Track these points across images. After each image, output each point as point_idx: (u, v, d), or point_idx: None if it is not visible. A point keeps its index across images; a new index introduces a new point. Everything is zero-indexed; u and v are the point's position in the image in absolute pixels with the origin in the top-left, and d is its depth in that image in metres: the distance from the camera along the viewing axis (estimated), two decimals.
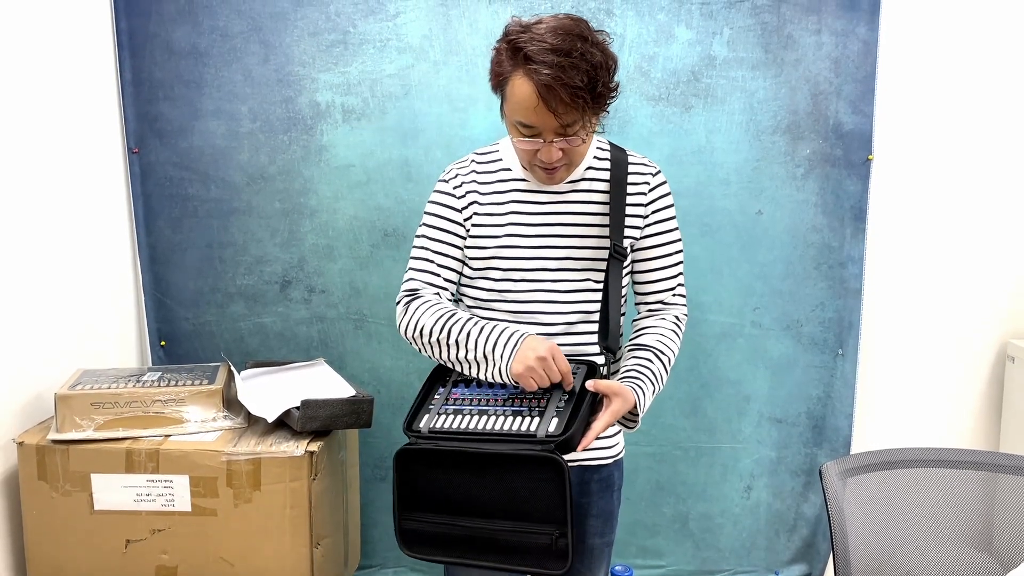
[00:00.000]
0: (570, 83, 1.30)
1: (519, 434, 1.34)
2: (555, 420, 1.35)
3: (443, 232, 1.52)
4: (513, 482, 1.34)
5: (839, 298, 2.25)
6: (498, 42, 1.40)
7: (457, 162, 1.57)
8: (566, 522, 1.31)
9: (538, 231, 1.50)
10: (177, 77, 2.14)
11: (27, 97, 1.76)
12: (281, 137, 2.17)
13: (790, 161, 2.20)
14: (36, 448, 1.63)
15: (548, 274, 1.50)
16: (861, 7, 2.13)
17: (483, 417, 1.39)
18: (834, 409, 2.29)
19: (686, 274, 2.20)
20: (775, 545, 2.37)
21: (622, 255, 1.50)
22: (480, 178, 1.53)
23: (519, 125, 1.39)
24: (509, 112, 1.40)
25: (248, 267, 2.22)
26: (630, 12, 2.13)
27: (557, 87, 1.30)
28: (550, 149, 1.39)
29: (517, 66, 1.34)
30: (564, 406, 1.37)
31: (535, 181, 1.50)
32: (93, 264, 2.02)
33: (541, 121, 1.36)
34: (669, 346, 1.53)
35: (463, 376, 1.48)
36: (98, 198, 2.06)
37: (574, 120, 1.36)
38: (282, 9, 2.12)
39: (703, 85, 2.16)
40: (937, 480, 1.78)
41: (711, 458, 2.33)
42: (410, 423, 1.42)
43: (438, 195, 1.54)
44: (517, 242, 1.50)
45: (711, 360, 2.28)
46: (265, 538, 1.66)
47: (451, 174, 1.54)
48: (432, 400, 1.46)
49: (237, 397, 1.78)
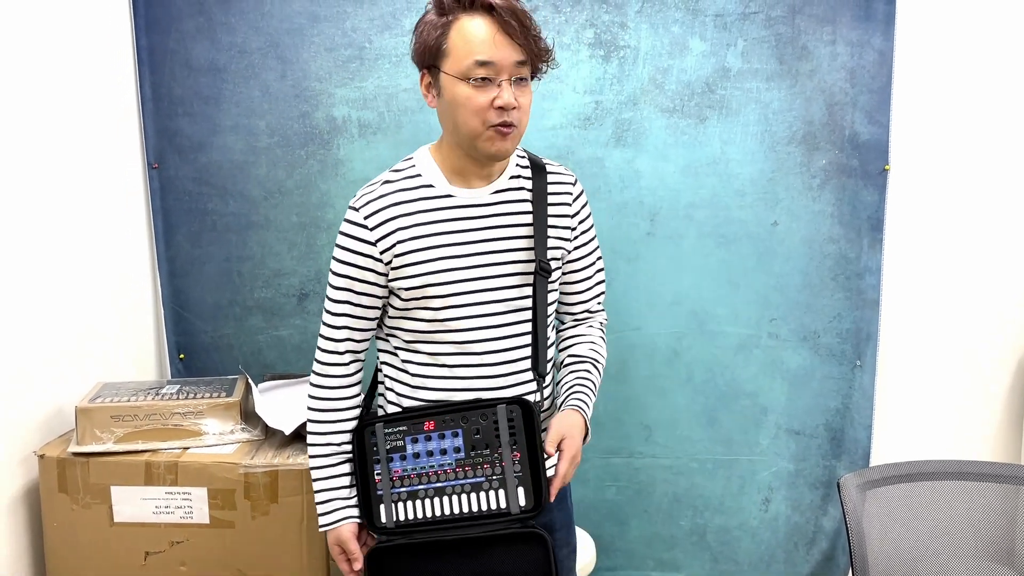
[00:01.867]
0: (519, 9, 1.30)
1: (492, 513, 1.34)
2: (521, 490, 1.34)
3: (358, 292, 1.39)
4: (493, 557, 1.34)
5: (857, 309, 2.24)
6: (422, 15, 1.36)
7: (366, 187, 1.42)
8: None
9: (470, 249, 1.39)
10: (196, 93, 2.16)
11: (50, 113, 1.79)
12: (298, 152, 2.19)
13: (806, 172, 2.19)
14: (57, 460, 1.65)
15: (487, 294, 1.40)
16: (876, 17, 2.13)
17: (444, 498, 1.36)
18: (853, 421, 2.27)
19: (702, 286, 2.23)
20: (794, 558, 2.35)
21: (547, 271, 1.41)
22: (400, 197, 1.38)
23: (475, 65, 1.29)
24: (457, 62, 1.30)
25: (266, 280, 2.24)
26: (644, 25, 2.14)
27: (512, 9, 1.28)
28: (508, 90, 1.30)
29: (457, 10, 1.30)
30: (520, 469, 1.35)
31: (461, 196, 1.39)
32: (113, 278, 2.05)
33: (501, 53, 1.29)
34: (601, 353, 1.53)
35: (389, 443, 1.39)
36: (118, 213, 2.08)
37: (525, 58, 1.31)
38: (299, 25, 2.14)
39: (718, 97, 2.17)
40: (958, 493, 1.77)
41: (728, 470, 2.32)
42: (370, 520, 1.39)
43: (348, 227, 1.38)
44: (451, 264, 1.37)
45: (728, 372, 2.27)
46: (282, 550, 1.67)
47: (361, 200, 1.39)
48: (377, 486, 1.39)
49: (255, 410, 1.79)
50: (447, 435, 1.37)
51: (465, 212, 1.39)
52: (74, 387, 1.83)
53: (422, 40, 1.35)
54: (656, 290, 2.23)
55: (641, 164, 2.19)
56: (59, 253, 1.82)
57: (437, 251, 1.37)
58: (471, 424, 1.37)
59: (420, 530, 1.36)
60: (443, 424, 1.37)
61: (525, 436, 1.35)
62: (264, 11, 2.14)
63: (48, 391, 1.78)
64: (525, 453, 1.35)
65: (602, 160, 2.19)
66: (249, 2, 2.13)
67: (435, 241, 1.37)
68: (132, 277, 2.15)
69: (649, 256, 2.22)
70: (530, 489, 1.34)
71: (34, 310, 1.72)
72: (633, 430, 2.30)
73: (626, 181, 2.20)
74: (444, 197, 1.39)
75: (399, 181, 1.41)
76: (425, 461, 1.37)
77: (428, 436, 1.38)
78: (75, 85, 1.89)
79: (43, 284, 1.76)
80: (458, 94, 1.32)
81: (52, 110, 1.80)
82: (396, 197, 1.38)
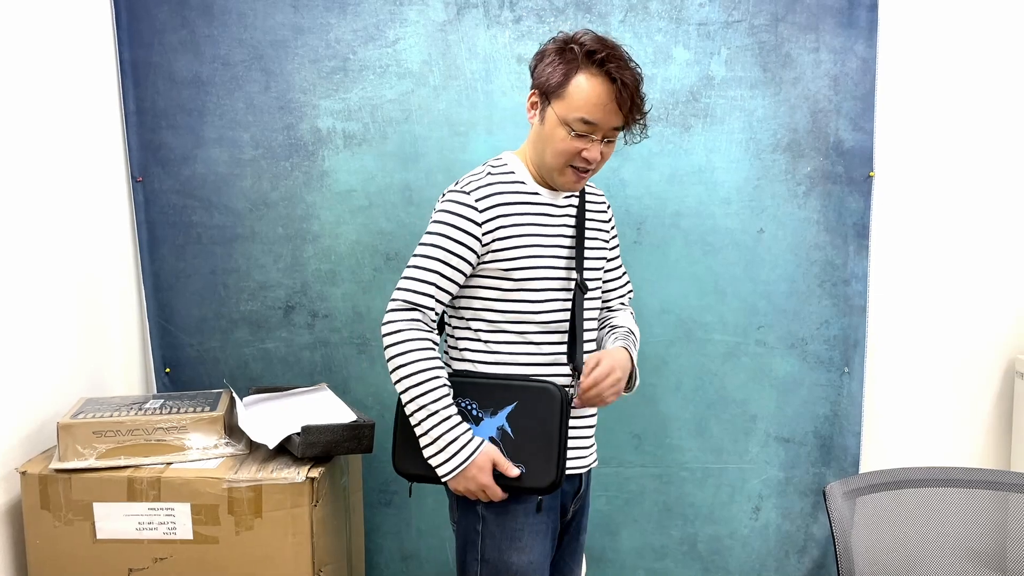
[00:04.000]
0: (636, 84, 1.46)
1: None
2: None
3: (455, 253, 1.53)
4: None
5: (844, 316, 2.24)
6: (545, 46, 1.53)
7: (471, 174, 1.60)
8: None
9: (553, 240, 1.59)
10: (180, 106, 2.16)
11: (33, 127, 1.78)
12: (283, 163, 2.18)
13: (791, 179, 2.19)
14: (39, 477, 1.64)
15: (562, 282, 1.59)
16: (859, 24, 2.14)
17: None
18: (841, 428, 2.27)
19: (689, 294, 2.24)
20: (785, 567, 2.35)
21: (583, 289, 1.60)
22: (502, 188, 1.56)
23: (579, 122, 1.47)
24: (567, 109, 1.47)
25: (252, 293, 2.23)
26: (627, 33, 2.15)
27: (632, 87, 1.45)
28: (598, 147, 1.50)
29: (589, 65, 1.45)
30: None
31: (546, 194, 1.60)
32: (97, 292, 2.04)
33: (605, 119, 1.48)
34: (636, 330, 1.75)
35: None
36: (102, 226, 2.07)
37: (624, 125, 1.51)
38: (283, 37, 2.14)
39: (702, 105, 2.17)
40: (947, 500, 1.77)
41: (718, 479, 2.31)
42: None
43: (458, 206, 1.54)
44: (538, 252, 1.56)
45: (716, 380, 2.27)
46: (267, 565, 1.65)
47: (470, 186, 1.55)
48: None
49: (238, 424, 1.78)
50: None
51: (549, 209, 1.60)
52: (57, 403, 1.82)
53: (544, 71, 1.51)
54: (643, 299, 2.23)
55: (626, 173, 2.20)
56: (42, 267, 1.81)
57: (529, 238, 1.56)
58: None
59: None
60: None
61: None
62: (247, 23, 2.13)
63: (31, 407, 1.76)
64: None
65: None
66: (232, 15, 2.13)
67: (528, 230, 1.56)
68: (116, 291, 2.14)
69: (636, 265, 2.22)
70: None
71: (16, 324, 1.71)
72: (622, 439, 2.29)
73: (612, 190, 2.20)
74: (533, 194, 1.59)
75: (498, 175, 1.59)
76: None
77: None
78: (58, 99, 1.89)
79: (25, 298, 1.74)
80: (556, 134, 1.50)
81: (35, 124, 1.79)
82: (498, 188, 1.56)
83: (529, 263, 1.55)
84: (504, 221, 1.54)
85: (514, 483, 1.50)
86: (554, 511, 1.62)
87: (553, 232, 1.59)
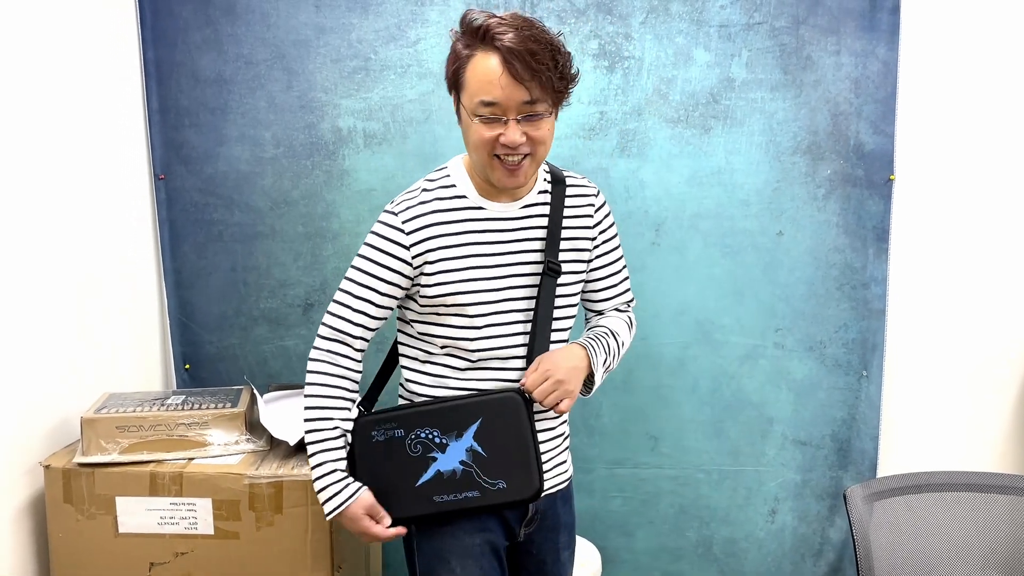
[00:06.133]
0: (534, 49, 1.29)
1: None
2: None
3: (382, 279, 1.42)
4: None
5: (863, 319, 2.23)
6: (452, 39, 1.37)
7: (406, 192, 1.46)
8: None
9: (498, 260, 1.43)
10: (202, 104, 2.17)
11: (58, 125, 1.80)
12: (304, 162, 2.20)
13: (811, 182, 2.19)
14: (62, 471, 1.65)
15: (511, 303, 1.45)
16: (881, 27, 2.13)
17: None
18: (859, 431, 2.26)
19: (707, 296, 2.23)
20: (801, 570, 2.34)
21: (556, 271, 1.45)
22: (436, 206, 1.43)
23: (481, 105, 1.33)
24: (469, 97, 1.34)
25: (271, 290, 2.24)
26: (648, 35, 2.15)
27: (521, 51, 1.28)
28: (514, 131, 1.33)
29: (476, 45, 1.32)
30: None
31: (492, 208, 1.44)
32: (120, 288, 2.05)
33: (505, 94, 1.31)
34: (621, 331, 1.56)
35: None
36: (125, 223, 2.09)
37: (538, 97, 1.32)
38: (305, 37, 2.16)
39: (722, 107, 2.17)
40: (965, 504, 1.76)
41: (735, 481, 2.31)
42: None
43: (386, 228, 1.42)
44: (479, 274, 1.42)
45: (733, 382, 2.27)
46: (287, 562, 1.66)
47: (400, 207, 1.43)
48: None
49: (259, 420, 1.79)
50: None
51: (495, 224, 1.44)
52: (80, 398, 1.83)
53: (448, 66, 1.38)
54: (661, 300, 2.23)
55: (646, 174, 2.20)
56: (65, 263, 1.82)
57: (467, 260, 1.42)
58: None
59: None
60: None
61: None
62: (270, 23, 2.15)
63: (54, 402, 1.78)
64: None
65: (607, 170, 2.20)
66: (255, 14, 2.14)
67: (466, 251, 1.42)
68: (138, 287, 2.15)
69: (654, 266, 2.22)
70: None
71: (40, 320, 1.73)
72: (639, 440, 2.29)
73: (631, 191, 2.20)
74: (476, 209, 1.44)
75: (435, 190, 1.44)
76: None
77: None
78: (83, 97, 1.90)
79: (49, 294, 1.76)
80: (470, 127, 1.36)
81: (60, 121, 1.81)
82: (433, 206, 1.43)
83: (466, 287, 1.41)
84: (434, 244, 1.40)
85: (500, 499, 1.41)
86: (491, 532, 1.47)
87: (504, 249, 1.43)
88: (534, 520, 1.53)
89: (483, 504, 1.41)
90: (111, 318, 2.01)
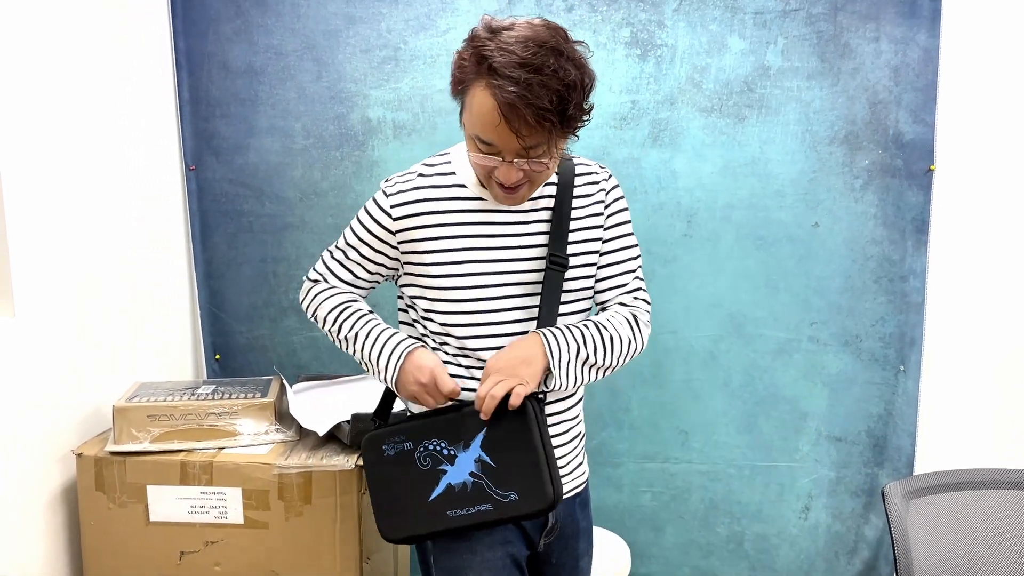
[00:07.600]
0: (537, 103, 1.16)
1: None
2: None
3: (362, 255, 1.43)
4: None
5: (900, 313, 2.18)
6: (463, 43, 1.25)
7: (402, 174, 1.41)
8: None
9: (495, 249, 1.36)
10: (233, 95, 2.18)
11: (90, 116, 1.81)
12: (333, 153, 2.19)
13: (848, 172, 2.14)
14: (94, 459, 1.66)
15: (509, 289, 1.37)
16: (921, 14, 2.08)
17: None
18: (896, 427, 2.22)
19: (740, 288, 2.19)
20: (834, 568, 2.30)
21: (562, 265, 1.36)
22: (429, 194, 1.37)
23: (478, 140, 1.24)
24: (468, 123, 1.26)
25: (301, 282, 2.23)
26: (681, 23, 2.11)
27: (522, 107, 1.16)
28: (509, 170, 1.25)
29: (480, 76, 1.20)
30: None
31: (491, 199, 1.35)
32: (151, 279, 2.07)
33: (502, 141, 1.22)
34: (615, 325, 1.40)
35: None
36: (156, 214, 2.10)
37: (538, 143, 1.22)
38: (335, 27, 2.15)
39: (757, 95, 2.13)
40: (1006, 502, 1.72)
41: (767, 477, 2.27)
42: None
43: (374, 208, 1.39)
44: (478, 268, 1.36)
45: (767, 376, 2.23)
46: (316, 551, 1.66)
47: (393, 188, 1.38)
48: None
49: (289, 411, 1.79)
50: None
51: (494, 216, 1.37)
52: (112, 387, 1.85)
53: (454, 74, 1.27)
54: (693, 292, 2.20)
55: (678, 164, 2.16)
56: (97, 254, 1.84)
57: (461, 253, 1.35)
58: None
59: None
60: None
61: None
62: (300, 13, 2.14)
63: (86, 391, 1.79)
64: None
65: (638, 160, 2.17)
66: (286, 5, 2.14)
67: (462, 244, 1.35)
68: (169, 278, 2.17)
69: (686, 258, 2.19)
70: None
71: (72, 310, 1.74)
72: (669, 435, 2.27)
73: (663, 182, 2.17)
74: (475, 199, 1.37)
75: (432, 177, 1.38)
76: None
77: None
78: (115, 88, 1.91)
79: (81, 284, 1.77)
80: (470, 146, 1.29)
81: (92, 112, 1.82)
82: (426, 193, 1.37)
83: (462, 281, 1.35)
84: (423, 233, 1.35)
85: (514, 511, 1.31)
86: (511, 544, 1.41)
87: (503, 243, 1.36)
88: (554, 530, 1.46)
89: (497, 518, 1.31)
90: (142, 308, 2.02)
